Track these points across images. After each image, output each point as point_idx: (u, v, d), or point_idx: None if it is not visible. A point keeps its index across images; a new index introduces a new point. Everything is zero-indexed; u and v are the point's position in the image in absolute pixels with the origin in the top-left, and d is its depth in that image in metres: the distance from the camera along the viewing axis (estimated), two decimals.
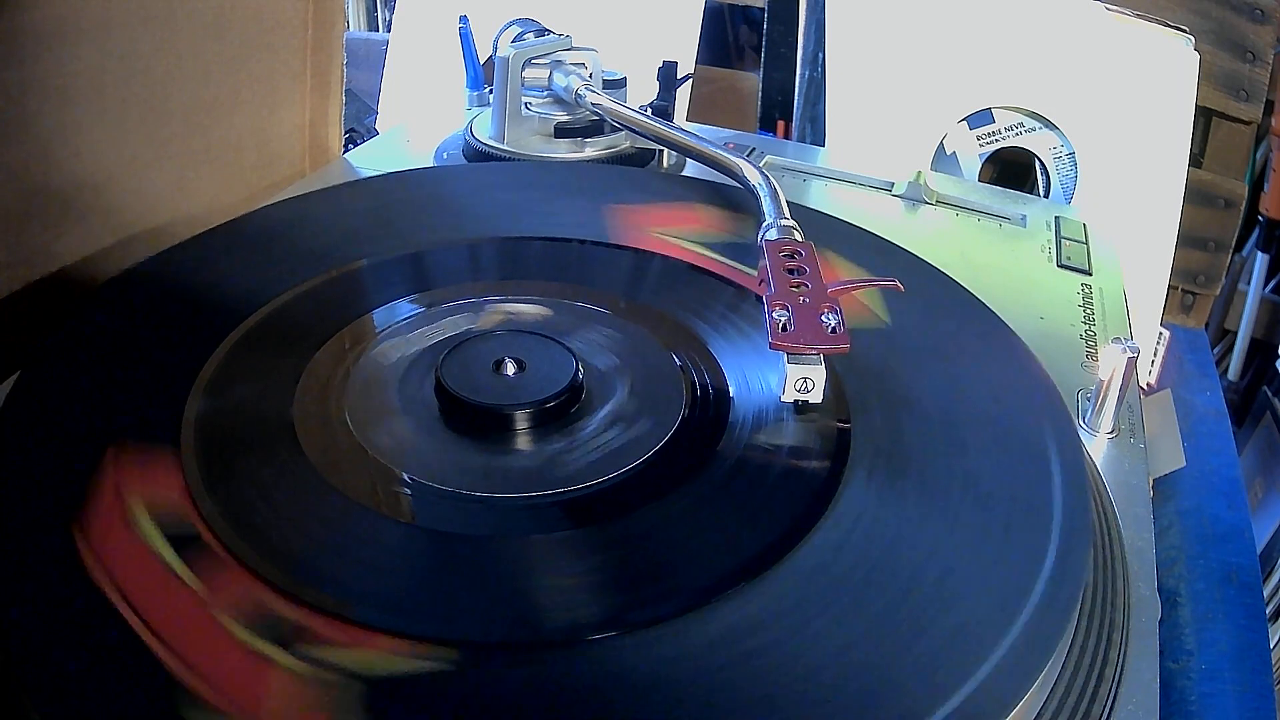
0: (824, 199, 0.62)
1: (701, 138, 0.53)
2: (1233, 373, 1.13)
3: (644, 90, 0.62)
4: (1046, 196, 0.75)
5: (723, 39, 1.19)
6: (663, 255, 0.46)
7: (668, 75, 0.62)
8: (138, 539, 0.29)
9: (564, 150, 0.59)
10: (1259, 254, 1.08)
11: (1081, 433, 0.41)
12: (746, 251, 0.45)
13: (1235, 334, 1.12)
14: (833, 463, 0.34)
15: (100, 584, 0.27)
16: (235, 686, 0.25)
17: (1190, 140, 0.73)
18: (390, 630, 0.27)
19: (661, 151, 0.61)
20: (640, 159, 0.61)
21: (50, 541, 0.29)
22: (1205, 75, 0.76)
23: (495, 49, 0.60)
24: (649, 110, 0.59)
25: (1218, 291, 0.88)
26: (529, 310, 0.42)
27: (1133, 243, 0.68)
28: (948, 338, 0.41)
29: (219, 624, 0.27)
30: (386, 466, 0.33)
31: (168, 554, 0.29)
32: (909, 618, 0.28)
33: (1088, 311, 0.51)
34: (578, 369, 0.37)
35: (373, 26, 1.42)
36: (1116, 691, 0.30)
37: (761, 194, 0.46)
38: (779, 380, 0.36)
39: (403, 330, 0.40)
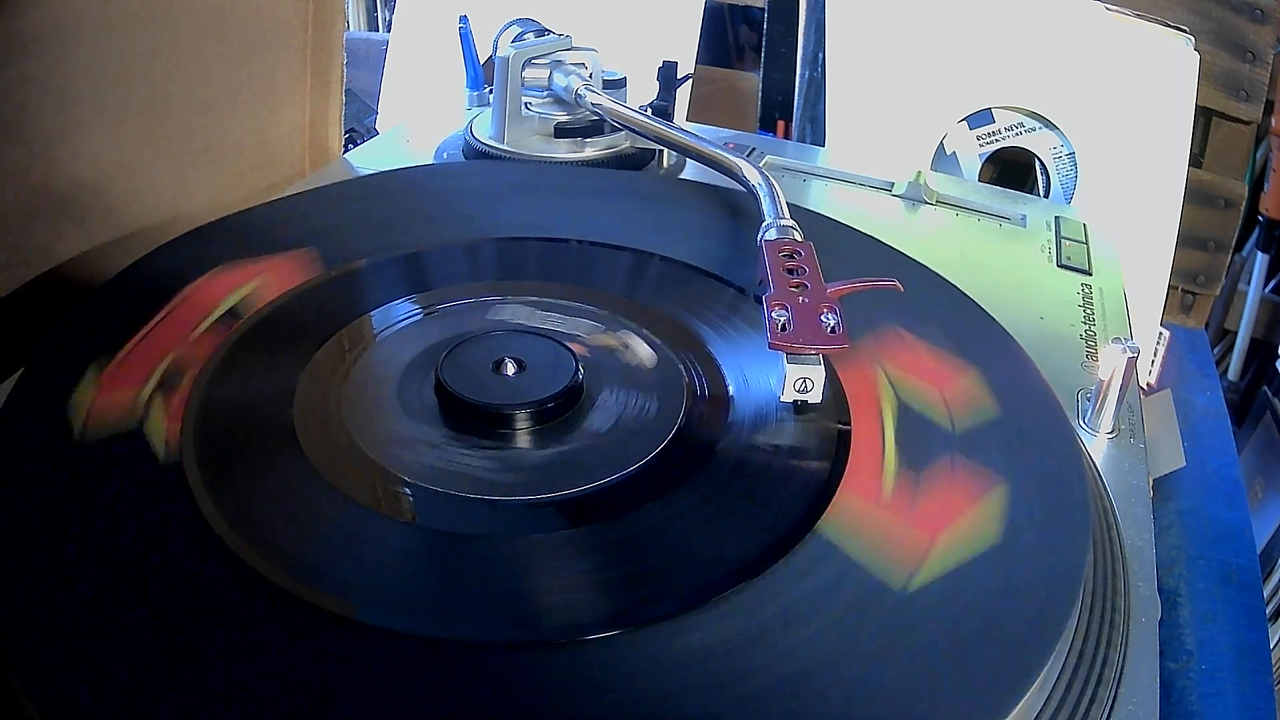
0: (824, 199, 0.62)
1: (701, 138, 0.53)
2: (1233, 373, 1.13)
3: (644, 90, 0.62)
4: (1046, 196, 0.75)
5: (723, 39, 1.19)
6: (661, 256, 0.46)
7: (668, 75, 0.62)
8: None
9: (564, 150, 0.59)
10: (1259, 254, 1.08)
11: (1081, 433, 0.41)
12: None
13: (1235, 334, 1.12)
14: (833, 463, 0.34)
15: None
16: None
17: (1190, 140, 0.73)
18: (390, 630, 0.27)
19: (661, 151, 0.61)
20: (640, 159, 0.61)
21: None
22: (1205, 75, 0.76)
23: (495, 49, 0.60)
24: (649, 110, 0.59)
25: (1218, 291, 0.88)
26: (529, 310, 0.42)
27: (1133, 243, 0.68)
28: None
29: None
30: (386, 466, 0.33)
31: None
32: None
33: (1088, 311, 0.51)
34: (577, 369, 0.37)
35: (373, 26, 1.42)
36: (1116, 691, 0.30)
37: (761, 194, 0.46)
38: (778, 380, 0.35)
39: (402, 330, 0.40)
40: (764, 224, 0.43)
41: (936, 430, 0.36)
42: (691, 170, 0.61)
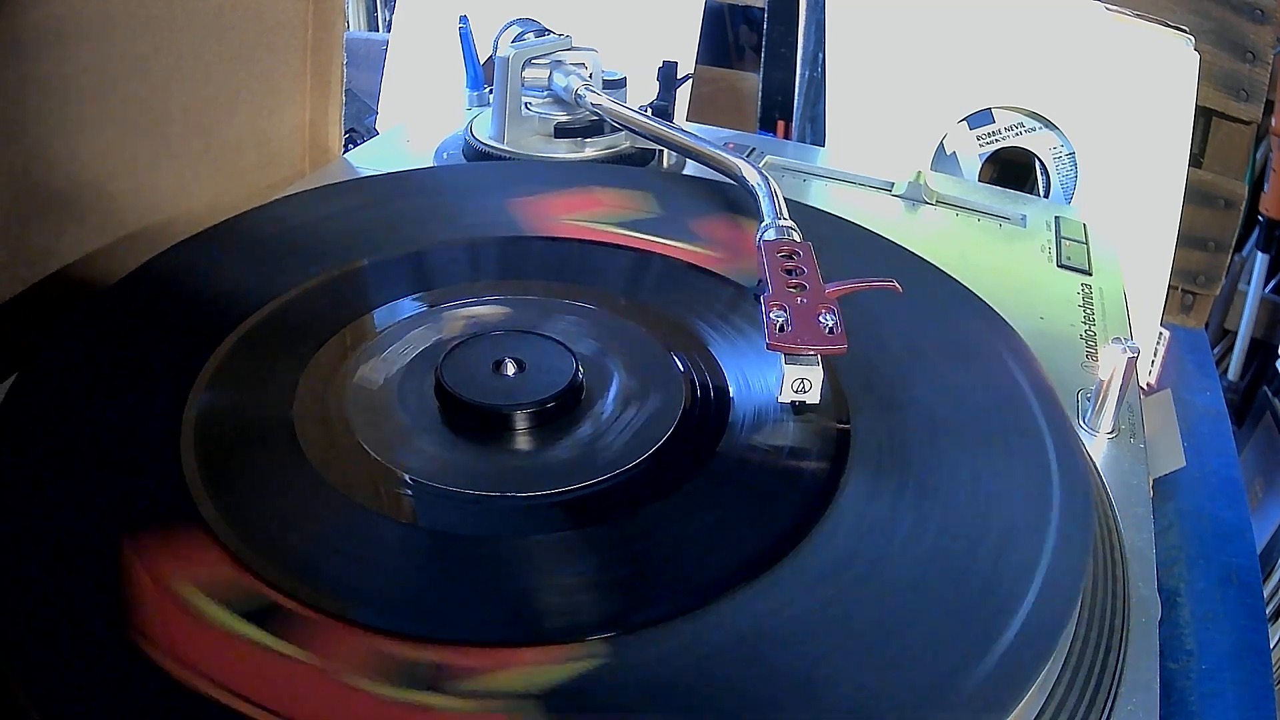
0: (824, 199, 0.62)
1: (701, 138, 0.53)
2: (1233, 373, 1.13)
3: (644, 90, 0.62)
4: (1046, 196, 0.75)
5: (723, 39, 1.19)
6: (662, 255, 0.46)
7: (668, 75, 0.62)
8: (216, 628, 0.26)
9: (564, 150, 0.59)
10: (1259, 254, 1.08)
11: (1081, 433, 0.41)
12: (653, 226, 0.47)
13: (1235, 334, 1.12)
14: (832, 463, 0.34)
15: (192, 684, 0.25)
16: None
17: (1190, 140, 0.73)
18: (390, 631, 0.27)
19: (661, 151, 0.61)
20: (640, 159, 0.61)
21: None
22: (1205, 75, 0.76)
23: (495, 49, 0.60)
24: (649, 110, 0.59)
25: (1218, 291, 0.88)
26: (528, 310, 0.42)
27: (1133, 243, 0.68)
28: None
29: (351, 687, 0.25)
30: (387, 466, 0.33)
31: (255, 633, 0.26)
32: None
33: (1088, 311, 0.51)
34: (577, 369, 0.37)
35: (373, 26, 1.42)
36: (1116, 692, 0.30)
37: (760, 194, 0.46)
38: (777, 381, 0.35)
39: (402, 330, 0.40)
40: (763, 224, 0.43)
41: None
42: (691, 170, 0.61)
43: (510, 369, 0.37)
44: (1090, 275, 0.55)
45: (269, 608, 0.27)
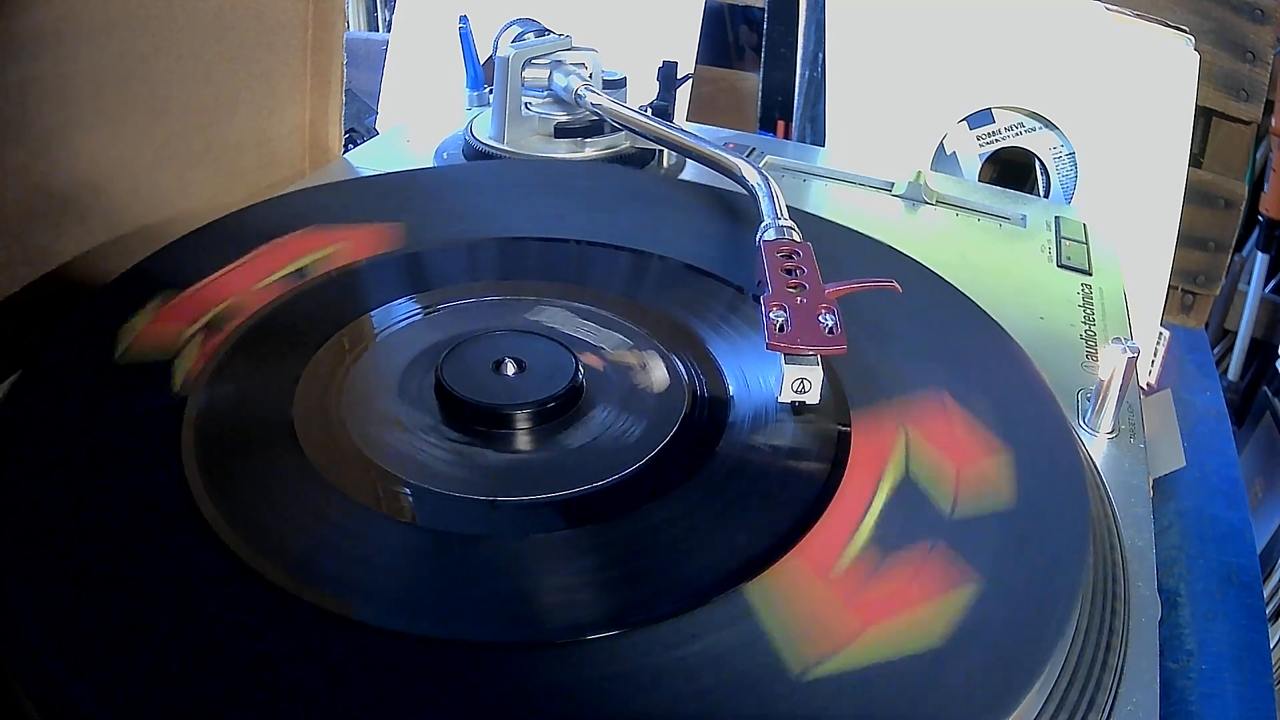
0: (824, 199, 0.62)
1: (701, 138, 0.53)
2: (1233, 373, 1.13)
3: (644, 90, 0.62)
4: (1046, 196, 0.75)
5: (723, 39, 1.19)
6: (661, 256, 0.46)
7: (668, 75, 0.62)
8: None
9: (564, 150, 0.59)
10: (1259, 254, 1.08)
11: (1081, 433, 0.41)
12: None
13: (1235, 334, 1.12)
14: (832, 464, 0.34)
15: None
16: None
17: (1190, 140, 0.73)
18: (390, 630, 0.27)
19: (661, 151, 0.61)
20: (640, 159, 0.61)
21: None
22: (1205, 75, 0.76)
23: (495, 49, 0.60)
24: (649, 110, 0.59)
25: (1218, 291, 0.88)
26: (528, 310, 0.42)
27: (1133, 243, 0.68)
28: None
29: None
30: (386, 466, 0.33)
31: None
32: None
33: (1088, 311, 0.51)
34: (577, 369, 0.37)
35: (373, 26, 1.42)
36: (1116, 691, 0.30)
37: (760, 194, 0.46)
38: (776, 381, 0.35)
39: (402, 330, 0.40)
40: (762, 224, 0.43)
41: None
42: (691, 170, 0.61)
43: (510, 369, 0.37)
44: (1090, 275, 0.55)
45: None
